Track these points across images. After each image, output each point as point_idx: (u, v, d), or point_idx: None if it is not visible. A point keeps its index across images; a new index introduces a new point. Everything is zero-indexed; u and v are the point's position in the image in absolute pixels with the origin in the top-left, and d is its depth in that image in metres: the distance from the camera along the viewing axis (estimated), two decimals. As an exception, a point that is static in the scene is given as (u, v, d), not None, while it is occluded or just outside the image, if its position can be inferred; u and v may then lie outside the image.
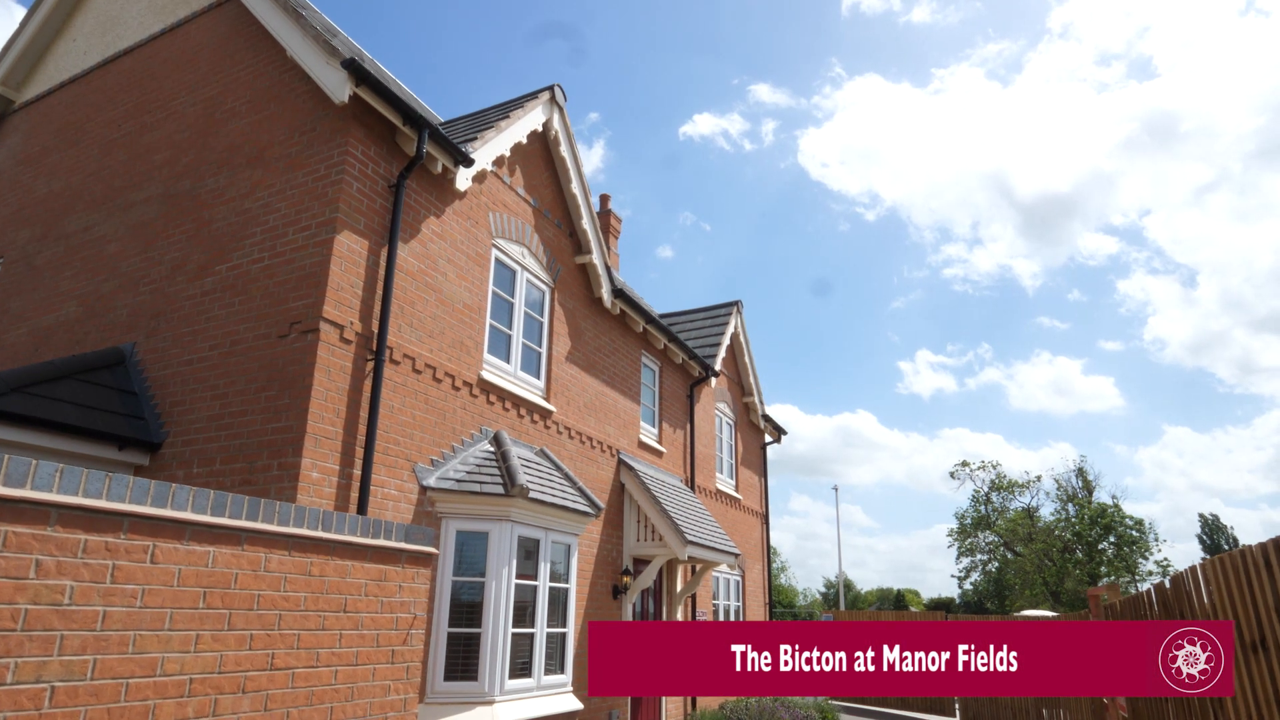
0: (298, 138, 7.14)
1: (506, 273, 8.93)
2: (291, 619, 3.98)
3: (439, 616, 6.93)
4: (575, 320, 10.22)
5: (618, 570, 10.43)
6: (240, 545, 3.76)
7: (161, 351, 7.20)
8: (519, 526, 7.53)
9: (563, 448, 9.58)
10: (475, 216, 8.41)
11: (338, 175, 6.70)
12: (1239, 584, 3.80)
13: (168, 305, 7.36)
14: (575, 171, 10.12)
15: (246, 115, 7.68)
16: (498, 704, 6.93)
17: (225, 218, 7.33)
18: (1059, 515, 43.07)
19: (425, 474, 7.10)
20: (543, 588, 7.80)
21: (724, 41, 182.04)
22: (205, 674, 3.52)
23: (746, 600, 15.74)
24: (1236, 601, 3.83)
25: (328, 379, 6.22)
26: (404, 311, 7.16)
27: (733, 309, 16.22)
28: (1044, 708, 13.26)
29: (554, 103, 9.73)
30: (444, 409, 7.52)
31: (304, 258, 6.56)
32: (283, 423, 6.08)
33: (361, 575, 4.44)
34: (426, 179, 7.66)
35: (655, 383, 12.85)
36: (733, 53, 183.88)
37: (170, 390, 6.95)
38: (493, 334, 8.54)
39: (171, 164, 8.14)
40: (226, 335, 6.77)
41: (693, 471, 13.61)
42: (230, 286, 6.96)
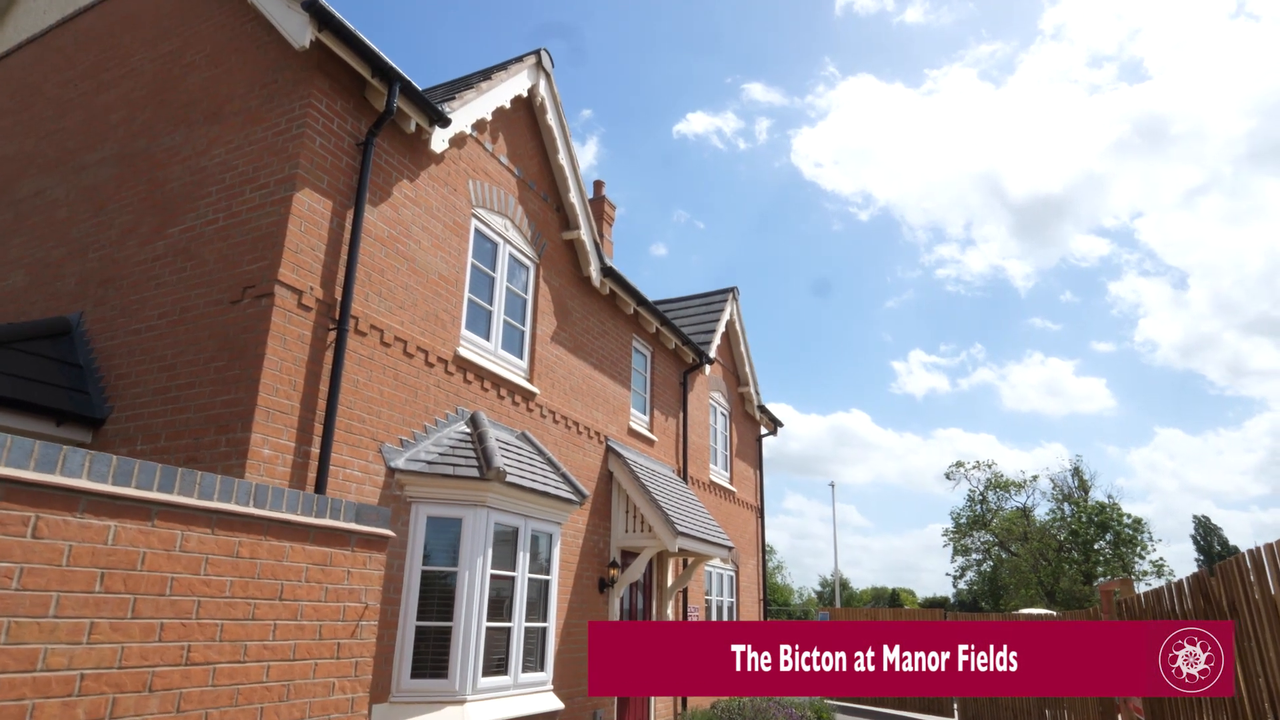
0: (258, 91, 6.61)
1: (487, 245, 8.40)
2: (213, 607, 3.46)
3: (406, 609, 6.41)
4: (562, 299, 9.69)
5: (604, 562, 9.92)
6: (150, 520, 3.23)
7: (109, 321, 6.66)
8: (496, 513, 7.01)
9: (547, 432, 9.06)
10: (454, 183, 7.88)
11: (299, 129, 6.17)
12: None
13: (117, 272, 6.82)
14: (563, 141, 9.59)
15: (206, 69, 7.14)
16: (469, 703, 6.41)
17: (180, 177, 6.79)
18: (1054, 514, 42.68)
19: (393, 455, 6.58)
20: (521, 579, 7.29)
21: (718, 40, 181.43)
22: (100, 669, 3.00)
23: (740, 596, 15.24)
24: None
25: (283, 348, 5.69)
26: (372, 280, 6.63)
27: (728, 295, 15.70)
28: (1046, 708, 12.78)
29: (540, 68, 9.20)
30: (416, 386, 6.99)
31: (260, 218, 6.03)
32: (232, 395, 5.55)
33: (302, 558, 3.92)
34: (399, 139, 7.13)
35: (647, 368, 12.33)
36: (726, 51, 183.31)
37: (117, 362, 6.42)
38: (471, 309, 8.02)
39: (127, 123, 7.59)
40: (177, 303, 6.24)
41: (685, 462, 13.10)
42: (182, 250, 6.43)
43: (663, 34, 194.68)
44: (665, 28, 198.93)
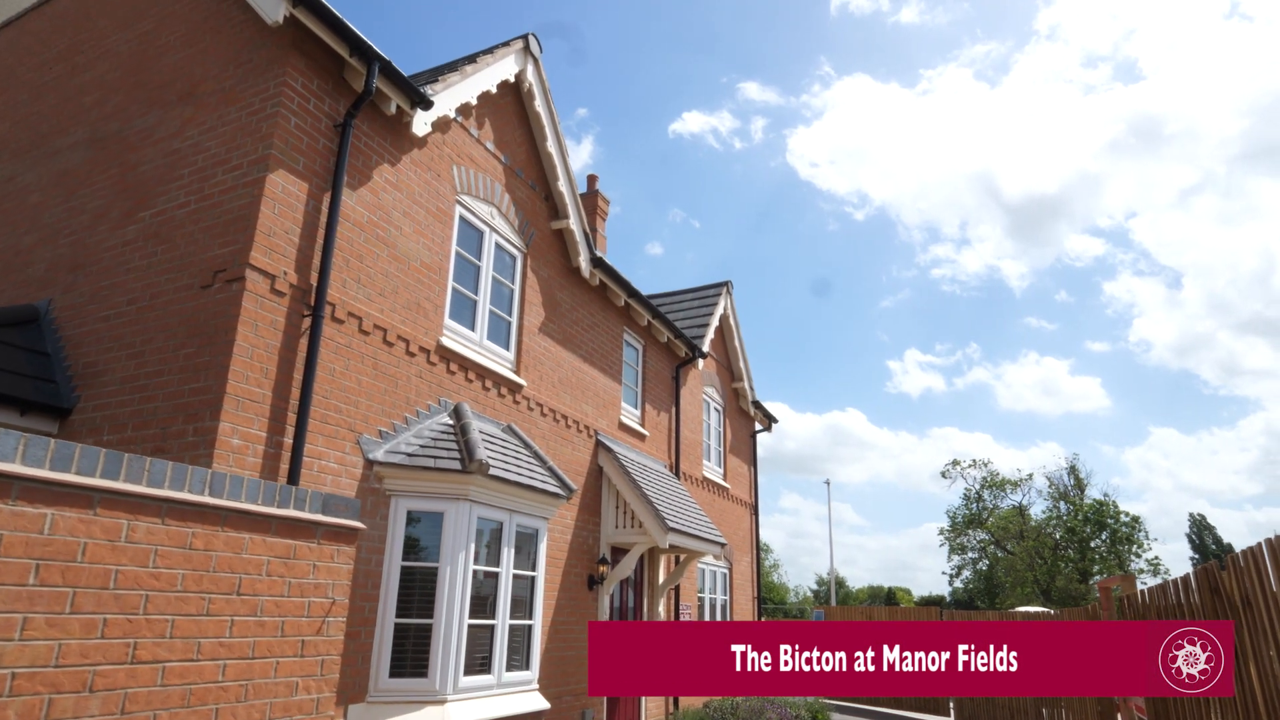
0: (233, 70, 6.39)
1: (473, 233, 8.19)
2: (163, 602, 3.25)
3: (385, 605, 6.20)
4: (550, 290, 9.48)
5: (594, 559, 9.72)
6: (92, 509, 3.03)
7: (78, 308, 6.43)
8: (479, 507, 6.80)
9: (534, 426, 8.85)
10: (437, 169, 7.66)
11: (273, 109, 5.95)
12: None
13: (87, 257, 6.60)
14: (552, 129, 9.38)
15: (180, 49, 6.92)
16: (450, 703, 6.21)
17: (152, 160, 6.57)
18: (1051, 513, 42.59)
19: (372, 447, 6.37)
20: (505, 575, 7.08)
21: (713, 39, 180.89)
22: (34, 668, 2.79)
23: (734, 594, 15.05)
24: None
25: (254, 334, 5.47)
26: (350, 265, 6.41)
27: (722, 289, 15.49)
28: (1044, 708, 12.61)
29: (528, 53, 8.99)
30: (396, 376, 6.78)
31: (232, 200, 5.81)
32: (201, 383, 5.34)
33: (262, 551, 3.71)
34: (379, 121, 6.92)
35: (638, 362, 12.13)
36: (722, 50, 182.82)
37: (85, 350, 6.20)
38: (456, 298, 7.80)
39: (100, 105, 7.37)
40: (147, 288, 6.02)
41: (677, 457, 12.90)
42: (153, 235, 6.21)
43: (658, 33, 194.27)
44: (661, 27, 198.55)
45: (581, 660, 9.09)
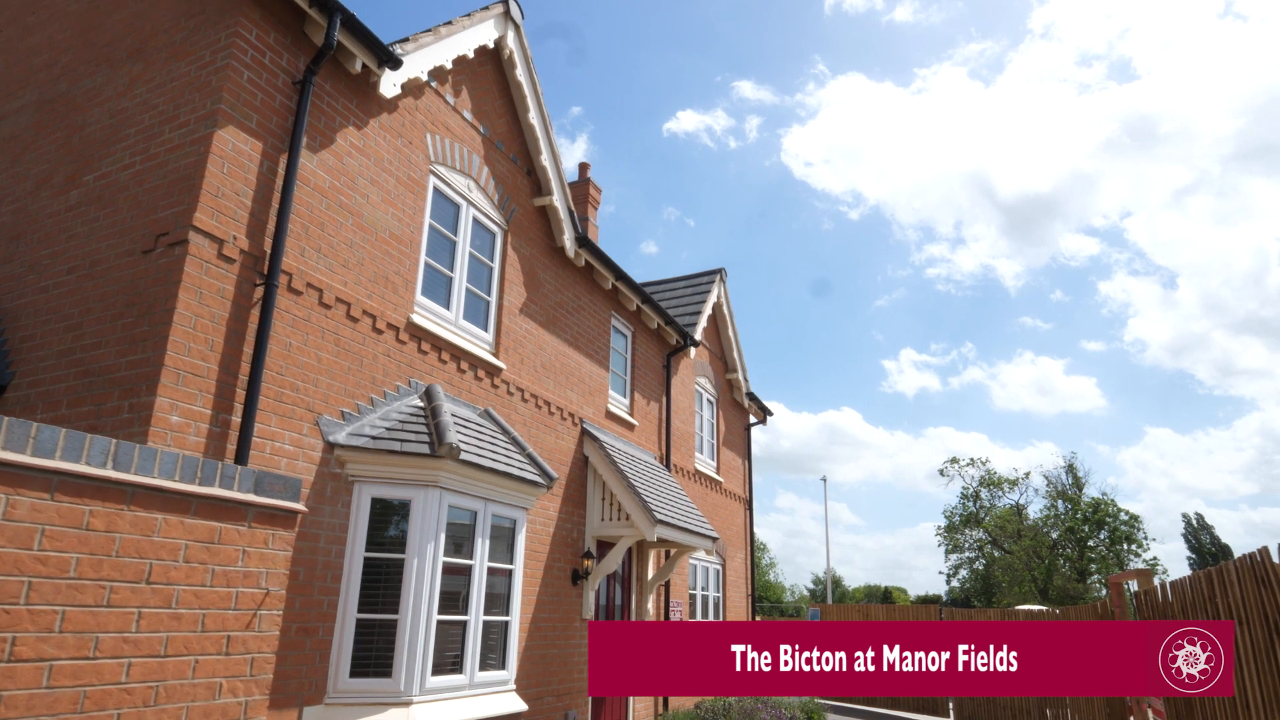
0: (184, 23, 5.92)
1: (448, 206, 7.73)
2: (50, 591, 2.79)
3: (346, 600, 5.75)
4: (533, 269, 9.02)
5: (578, 553, 9.27)
6: (-43, 480, 2.57)
7: (18, 279, 5.97)
8: (450, 494, 6.35)
9: (514, 411, 8.40)
10: (409, 135, 7.20)
11: (223, 61, 5.49)
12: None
13: (29, 225, 6.13)
14: (534, 99, 8.92)
15: (131, 3, 6.45)
16: (416, 705, 5.75)
17: (99, 120, 6.10)
18: (1048, 512, 42.21)
19: (333, 428, 5.91)
20: (480, 568, 6.63)
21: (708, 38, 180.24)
22: (-126, 668, 2.33)
23: (727, 590, 14.60)
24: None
25: (198, 302, 5.01)
26: (309, 233, 5.95)
27: (715, 277, 15.04)
28: (1048, 708, 12.20)
29: (508, 18, 8.52)
30: (361, 354, 6.32)
31: (178, 159, 5.35)
32: (139, 355, 4.87)
33: (179, 533, 3.26)
34: (344, 80, 6.46)
35: (627, 349, 11.67)
36: (716, 49, 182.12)
37: (22, 323, 5.73)
38: (429, 274, 7.34)
39: (50, 67, 6.89)
40: (87, 255, 5.55)
41: (668, 449, 12.45)
42: (97, 199, 5.74)
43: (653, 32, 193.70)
44: (656, 26, 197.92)
45: (565, 659, 8.65)
